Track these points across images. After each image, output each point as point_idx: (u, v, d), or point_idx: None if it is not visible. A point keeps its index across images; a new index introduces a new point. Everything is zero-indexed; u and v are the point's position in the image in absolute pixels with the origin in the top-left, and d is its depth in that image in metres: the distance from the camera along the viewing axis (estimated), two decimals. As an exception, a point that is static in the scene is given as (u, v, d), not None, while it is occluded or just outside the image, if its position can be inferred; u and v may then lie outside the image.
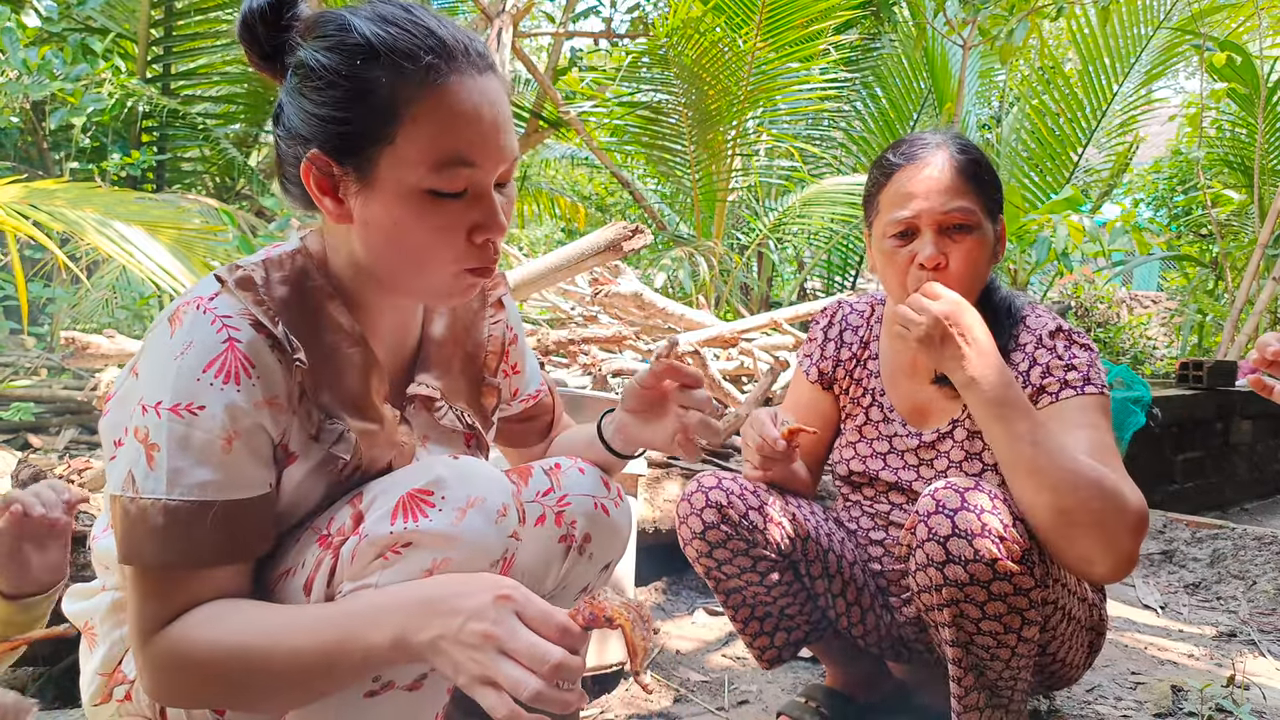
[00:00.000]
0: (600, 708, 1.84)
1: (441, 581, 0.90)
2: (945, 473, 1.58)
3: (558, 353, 3.60)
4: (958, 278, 1.47)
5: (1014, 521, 1.31)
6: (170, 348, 0.93)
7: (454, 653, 0.84)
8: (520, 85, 8.08)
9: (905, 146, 1.53)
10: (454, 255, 0.97)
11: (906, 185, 1.49)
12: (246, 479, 0.94)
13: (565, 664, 0.83)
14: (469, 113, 0.93)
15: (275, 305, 0.98)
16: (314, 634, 0.89)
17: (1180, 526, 3.43)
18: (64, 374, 3.04)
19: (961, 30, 5.54)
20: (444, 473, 0.97)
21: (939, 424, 1.60)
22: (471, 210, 0.96)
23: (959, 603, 1.33)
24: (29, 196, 2.94)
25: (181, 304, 0.96)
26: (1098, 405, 1.45)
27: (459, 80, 0.93)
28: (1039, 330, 1.53)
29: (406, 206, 0.94)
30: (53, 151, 5.27)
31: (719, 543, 1.56)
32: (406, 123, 0.91)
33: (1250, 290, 5.62)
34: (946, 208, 1.46)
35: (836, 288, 7.46)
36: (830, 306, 1.80)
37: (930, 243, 1.47)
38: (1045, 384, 1.48)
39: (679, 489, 2.67)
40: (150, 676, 0.93)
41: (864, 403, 1.70)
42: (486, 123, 0.94)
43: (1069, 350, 1.49)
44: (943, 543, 1.31)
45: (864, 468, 1.68)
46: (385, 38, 0.92)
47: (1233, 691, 1.96)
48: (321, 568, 0.95)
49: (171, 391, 0.91)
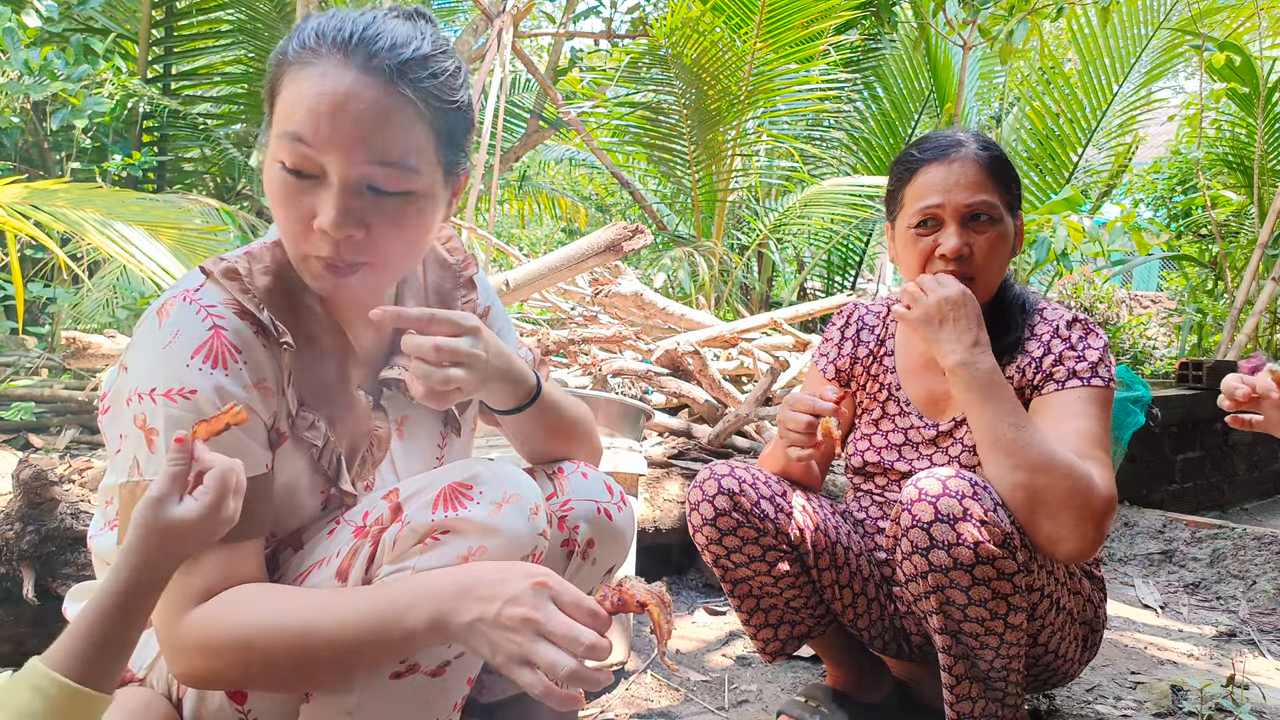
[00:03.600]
0: (600, 707, 1.84)
1: (478, 568, 0.94)
2: (959, 458, 1.62)
3: (558, 353, 3.60)
4: (978, 270, 1.53)
5: (995, 506, 1.36)
6: (159, 337, 0.97)
7: (492, 634, 0.88)
8: (520, 85, 8.08)
9: (930, 143, 1.58)
10: (294, 234, 1.00)
11: (932, 178, 1.54)
12: (244, 458, 0.97)
13: (597, 645, 0.87)
14: (315, 94, 0.94)
15: (259, 294, 1.02)
16: (352, 616, 0.92)
17: (1180, 526, 3.44)
18: (65, 374, 3.04)
19: (962, 30, 5.54)
20: (481, 470, 1.02)
21: (955, 413, 1.65)
22: (316, 196, 0.97)
23: (944, 589, 1.36)
24: (30, 197, 2.95)
25: (169, 297, 1.01)
26: (1098, 397, 1.50)
27: (323, 66, 0.95)
28: (1056, 321, 1.58)
29: (268, 175, 0.99)
30: (54, 152, 5.27)
31: (729, 530, 1.57)
32: (277, 97, 0.98)
33: (1250, 290, 5.61)
34: (971, 200, 1.52)
35: (836, 288, 7.46)
36: (847, 307, 1.86)
37: (954, 234, 1.52)
38: (1054, 371, 1.53)
39: (679, 488, 2.67)
40: (180, 659, 0.95)
41: (880, 397, 1.74)
42: (332, 108, 0.94)
43: (1084, 340, 1.55)
44: (926, 529, 1.35)
45: (878, 458, 1.72)
46: (301, 28, 0.98)
47: (1232, 691, 1.97)
48: (359, 555, 1.00)
49: (163, 378, 0.95)
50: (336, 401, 1.09)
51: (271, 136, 0.98)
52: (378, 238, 0.98)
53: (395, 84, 0.95)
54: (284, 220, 0.99)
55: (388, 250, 1.00)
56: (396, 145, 0.96)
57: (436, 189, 1.03)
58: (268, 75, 1.01)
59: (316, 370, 1.07)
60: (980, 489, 1.36)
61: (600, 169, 8.47)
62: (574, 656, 0.86)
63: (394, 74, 0.95)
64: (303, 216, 0.97)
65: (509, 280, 3.32)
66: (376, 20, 0.98)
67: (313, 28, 0.97)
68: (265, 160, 1.00)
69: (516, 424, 1.20)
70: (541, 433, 1.24)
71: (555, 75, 7.40)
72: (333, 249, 0.97)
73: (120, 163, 4.92)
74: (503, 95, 5.41)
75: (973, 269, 1.53)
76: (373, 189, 0.97)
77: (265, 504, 1.02)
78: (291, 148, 0.95)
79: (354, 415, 1.11)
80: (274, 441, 1.03)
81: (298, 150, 0.95)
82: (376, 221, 0.98)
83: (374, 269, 1.01)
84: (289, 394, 1.04)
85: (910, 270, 1.59)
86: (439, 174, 1.02)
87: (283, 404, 1.04)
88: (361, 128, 0.94)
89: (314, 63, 0.95)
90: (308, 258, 1.00)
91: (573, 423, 1.27)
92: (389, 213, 0.98)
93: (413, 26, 1.00)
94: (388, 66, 0.95)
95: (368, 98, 0.94)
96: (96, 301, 3.85)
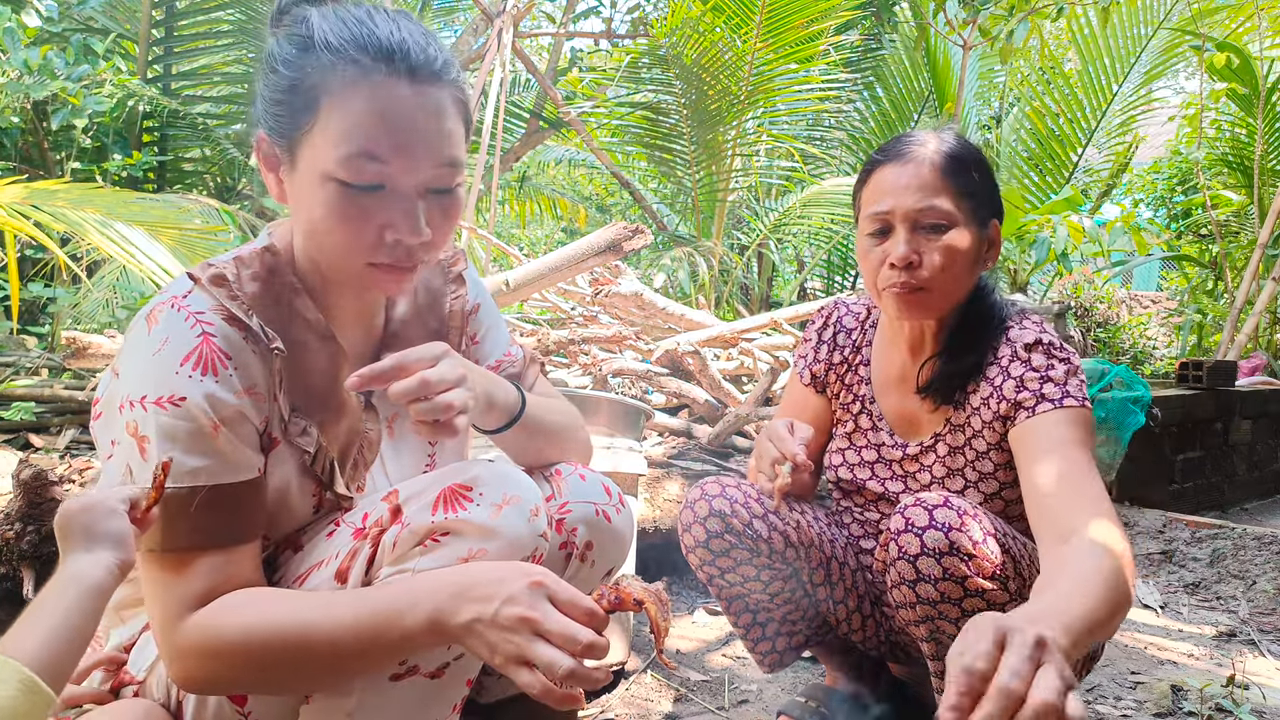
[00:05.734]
0: (600, 708, 1.84)
1: (475, 568, 0.94)
2: (929, 487, 1.55)
3: (558, 353, 3.60)
4: (931, 279, 1.42)
5: (985, 538, 1.28)
6: (148, 344, 0.97)
7: (489, 635, 0.88)
8: (520, 85, 8.08)
9: (893, 144, 1.50)
10: (362, 248, 0.99)
11: (884, 181, 1.45)
12: (237, 463, 0.98)
13: (595, 644, 0.87)
14: (382, 111, 0.95)
15: (248, 300, 1.02)
16: (351, 618, 0.92)
17: (1180, 526, 3.44)
18: (65, 374, 3.04)
19: (962, 30, 5.54)
20: (481, 472, 1.03)
21: (923, 436, 1.57)
22: (387, 208, 0.98)
23: (933, 619, 1.32)
24: (30, 197, 2.95)
25: (157, 303, 1.01)
26: (1076, 419, 1.37)
27: (382, 80, 0.95)
28: (1017, 343, 1.46)
29: (317, 192, 0.97)
30: (54, 151, 5.27)
31: (722, 551, 1.54)
32: (323, 112, 0.96)
33: (1250, 290, 5.61)
34: (919, 205, 1.41)
35: (837, 288, 7.47)
36: (826, 307, 1.76)
37: (902, 240, 1.42)
38: (1021, 399, 1.41)
39: (679, 488, 2.67)
40: (179, 665, 0.95)
41: (853, 409, 1.67)
42: (403, 124, 0.96)
43: (1046, 361, 1.42)
44: (912, 561, 1.30)
45: (852, 476, 1.66)
46: (326, 32, 0.97)
47: (1232, 691, 1.97)
48: (358, 557, 1.00)
49: (153, 385, 0.95)
50: (328, 405, 1.09)
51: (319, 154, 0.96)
52: (436, 234, 1.02)
53: (440, 85, 0.98)
54: (348, 235, 0.98)
55: (438, 246, 1.03)
56: (449, 144, 1.00)
57: None
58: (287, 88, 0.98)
59: (308, 374, 1.07)
60: (969, 518, 1.29)
61: (600, 169, 8.47)
62: (572, 655, 0.86)
63: (436, 77, 0.98)
64: (371, 229, 0.98)
65: (509, 280, 3.32)
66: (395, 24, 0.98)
67: (336, 36, 0.96)
68: (307, 177, 0.98)
69: (503, 440, 1.22)
70: (529, 444, 1.24)
71: (555, 75, 7.40)
72: (405, 254, 1.00)
73: (120, 163, 4.92)
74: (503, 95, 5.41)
75: (923, 279, 1.41)
76: (431, 190, 1.00)
77: (259, 508, 1.02)
78: (360, 165, 0.95)
79: (346, 418, 1.11)
80: (266, 446, 1.03)
81: (367, 168, 0.95)
82: (436, 219, 1.01)
83: (425, 265, 1.05)
84: (280, 399, 1.04)
85: (866, 278, 1.49)
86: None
87: (274, 409, 1.03)
88: (425, 136, 0.97)
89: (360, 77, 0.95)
90: (371, 266, 1.01)
91: (560, 428, 1.27)
92: (445, 209, 1.02)
93: (414, 25, 1.00)
94: (430, 71, 0.97)
95: (425, 105, 0.97)
96: (96, 301, 3.85)
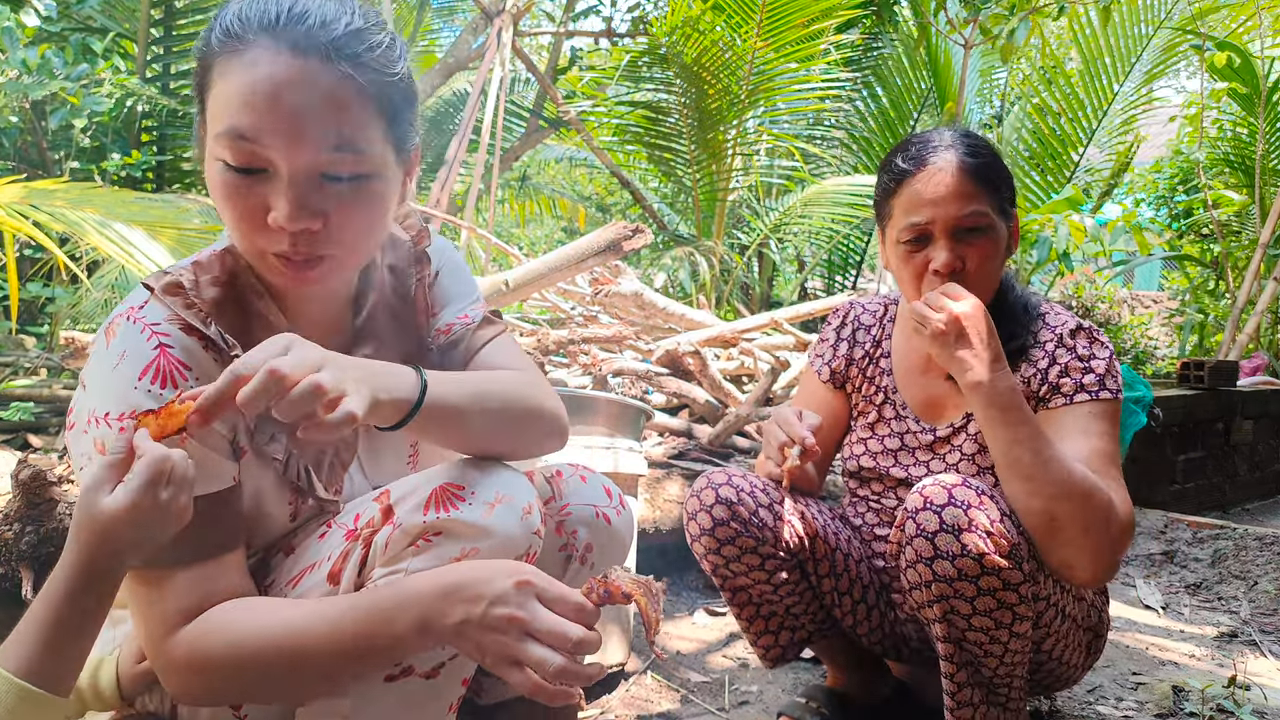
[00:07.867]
0: (600, 708, 1.84)
1: (463, 569, 0.92)
2: (957, 466, 1.60)
3: (558, 353, 3.59)
4: (973, 280, 1.48)
5: (1001, 517, 1.33)
6: (108, 358, 0.95)
7: (479, 636, 0.87)
8: (520, 84, 8.07)
9: (914, 150, 1.52)
10: (252, 234, 0.94)
11: (919, 192, 1.49)
12: (209, 474, 0.96)
13: (585, 640, 0.87)
14: (249, 84, 0.89)
15: (207, 307, 0.99)
16: (341, 625, 0.91)
17: (1181, 527, 3.43)
18: (64, 374, 3.03)
19: (963, 29, 5.54)
20: (474, 471, 1.01)
21: (953, 418, 1.62)
22: (272, 193, 0.92)
23: (948, 599, 1.34)
24: (29, 196, 2.94)
25: (116, 315, 0.98)
26: (1107, 411, 1.47)
27: (260, 54, 0.89)
28: (1060, 328, 1.55)
29: (210, 175, 0.94)
30: (52, 151, 5.26)
31: (727, 540, 1.56)
32: (210, 90, 0.93)
33: (1251, 290, 5.60)
34: (961, 213, 1.47)
35: (837, 288, 7.46)
36: (842, 306, 1.82)
37: (945, 248, 1.47)
38: (1061, 384, 1.49)
39: (679, 489, 2.67)
40: (173, 679, 0.94)
41: (876, 400, 1.71)
42: (273, 99, 0.88)
43: (1089, 350, 1.50)
44: (930, 538, 1.33)
45: (874, 464, 1.70)
46: (222, 15, 0.93)
47: (1234, 692, 1.96)
48: (350, 558, 0.98)
49: (114, 401, 0.93)
50: None
51: (209, 135, 0.93)
52: (336, 227, 0.94)
53: (331, 62, 0.90)
54: (235, 220, 0.94)
55: (347, 239, 0.96)
56: (342, 127, 0.91)
57: (389, 169, 0.98)
58: (194, 70, 0.95)
59: None
60: (986, 497, 1.34)
61: (600, 168, 8.46)
62: (563, 653, 0.86)
63: (328, 51, 0.90)
64: (254, 214, 0.92)
65: (509, 280, 3.31)
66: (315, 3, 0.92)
67: (234, 13, 0.91)
68: (205, 160, 0.95)
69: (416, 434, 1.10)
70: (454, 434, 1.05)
71: (555, 74, 7.39)
72: (291, 244, 0.93)
73: (119, 162, 4.91)
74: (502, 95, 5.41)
75: (967, 281, 1.47)
76: (325, 177, 0.92)
77: (237, 516, 1.00)
78: (233, 145, 0.90)
79: None
80: (237, 454, 1.01)
81: (240, 147, 0.90)
82: (333, 210, 0.93)
83: (336, 260, 0.97)
84: None
85: (905, 285, 1.54)
86: (390, 153, 0.98)
87: (239, 419, 0.99)
88: (303, 113, 0.89)
89: (242, 50, 0.90)
90: (265, 255, 0.96)
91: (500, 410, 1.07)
92: (344, 199, 0.94)
93: (339, 3, 0.94)
94: (321, 44, 0.90)
95: (305, 81, 0.89)
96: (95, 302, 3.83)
